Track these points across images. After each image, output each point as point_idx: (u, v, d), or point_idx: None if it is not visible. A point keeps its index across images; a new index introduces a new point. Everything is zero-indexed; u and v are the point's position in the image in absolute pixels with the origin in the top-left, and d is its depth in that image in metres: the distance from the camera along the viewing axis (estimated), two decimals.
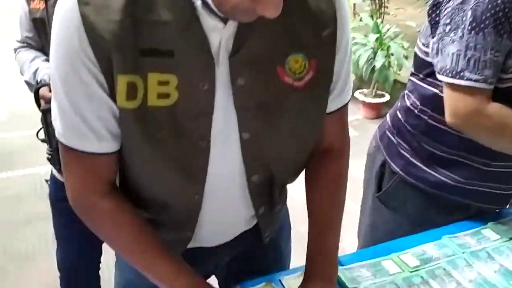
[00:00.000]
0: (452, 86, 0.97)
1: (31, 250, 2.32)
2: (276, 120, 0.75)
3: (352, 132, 1.00)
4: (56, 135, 0.73)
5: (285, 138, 0.77)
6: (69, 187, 0.77)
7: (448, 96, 0.99)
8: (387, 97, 3.89)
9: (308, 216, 0.89)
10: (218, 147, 0.75)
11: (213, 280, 1.08)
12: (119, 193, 0.79)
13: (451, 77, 0.97)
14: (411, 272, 0.97)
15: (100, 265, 1.63)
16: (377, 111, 3.91)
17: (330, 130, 0.83)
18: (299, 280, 0.95)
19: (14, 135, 3.43)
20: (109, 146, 0.72)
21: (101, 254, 1.61)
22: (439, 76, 1.00)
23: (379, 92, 3.92)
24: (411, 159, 1.14)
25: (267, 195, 0.87)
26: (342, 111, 0.84)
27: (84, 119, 0.69)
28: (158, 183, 0.77)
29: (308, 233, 0.88)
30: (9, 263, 2.25)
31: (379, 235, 1.15)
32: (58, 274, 1.58)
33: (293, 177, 0.88)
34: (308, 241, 0.88)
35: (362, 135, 3.55)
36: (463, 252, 1.02)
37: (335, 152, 0.87)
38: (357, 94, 3.92)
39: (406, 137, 1.16)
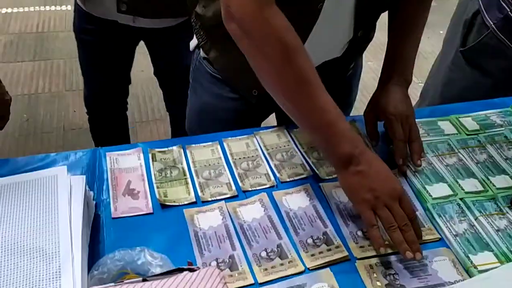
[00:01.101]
0: None
1: None
2: None
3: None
4: None
5: None
6: (237, 3, 0.71)
7: None
8: None
9: (390, 29, 0.92)
10: None
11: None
12: None
13: None
14: (467, 135, 0.91)
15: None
16: None
17: None
18: None
19: None
20: None
21: (127, 94, 1.60)
22: None
23: None
24: (510, 13, 1.00)
25: (369, 17, 0.87)
26: None
27: None
28: None
29: (388, 42, 0.92)
30: (65, 91, 2.36)
31: (452, 94, 1.07)
32: None
33: None
34: (387, 48, 0.91)
35: (440, 4, 3.23)
36: None
37: None
38: None
39: None
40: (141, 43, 1.44)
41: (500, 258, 0.68)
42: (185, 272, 0.46)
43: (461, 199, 0.77)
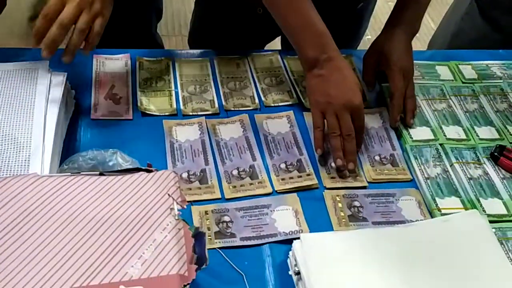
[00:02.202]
0: None
1: None
2: None
3: None
4: None
5: None
6: None
7: None
8: None
9: None
10: None
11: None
12: None
13: None
14: (463, 83, 0.88)
15: None
16: None
17: None
18: None
19: None
20: None
21: None
22: None
23: None
24: None
25: None
26: None
27: None
28: None
29: None
30: None
31: (460, 45, 1.04)
32: None
33: None
34: None
35: None
36: None
37: None
38: None
39: None
40: None
41: (466, 204, 0.69)
42: (141, 172, 0.47)
43: (440, 144, 0.77)
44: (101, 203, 0.42)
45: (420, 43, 1.59)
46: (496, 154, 0.75)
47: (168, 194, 0.43)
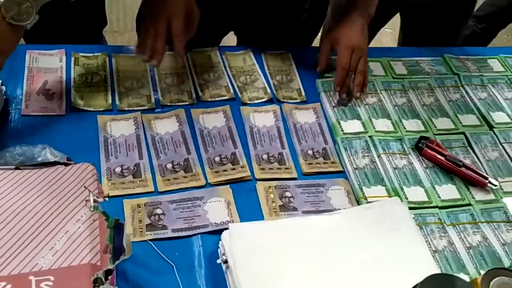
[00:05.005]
0: None
1: None
2: None
3: None
4: None
5: None
6: None
7: None
8: None
9: None
10: None
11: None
12: None
13: None
14: (394, 78, 0.93)
15: None
16: None
17: None
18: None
19: None
20: None
21: None
22: None
23: None
24: None
25: None
26: None
27: None
28: None
29: None
30: None
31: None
32: None
33: None
34: None
35: None
36: (456, 74, 0.95)
37: None
38: None
39: None
40: None
41: (390, 193, 0.73)
42: (58, 166, 0.47)
43: (370, 136, 0.80)
44: (14, 196, 0.42)
45: None
46: (420, 145, 0.79)
47: (85, 187, 0.44)
